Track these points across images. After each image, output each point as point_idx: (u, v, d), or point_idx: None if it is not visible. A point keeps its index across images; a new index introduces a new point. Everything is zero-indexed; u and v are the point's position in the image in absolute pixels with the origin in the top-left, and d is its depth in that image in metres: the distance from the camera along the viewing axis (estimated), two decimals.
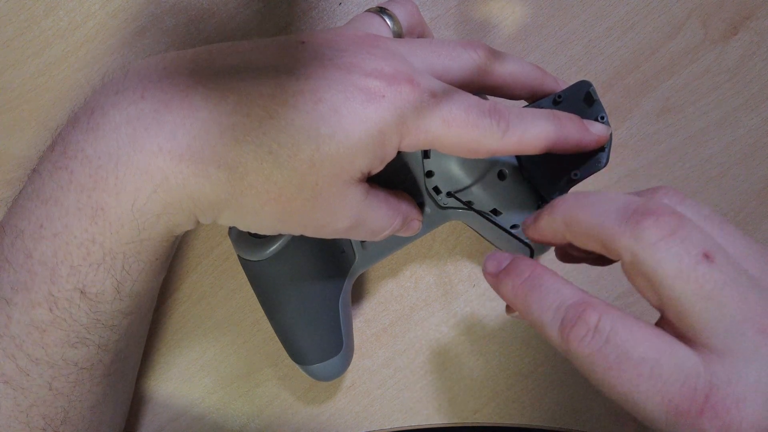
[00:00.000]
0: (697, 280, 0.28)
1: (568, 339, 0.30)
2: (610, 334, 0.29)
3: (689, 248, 0.28)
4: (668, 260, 0.28)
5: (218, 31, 0.51)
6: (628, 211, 0.30)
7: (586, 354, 0.29)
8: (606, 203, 0.31)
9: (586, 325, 0.29)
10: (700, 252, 0.28)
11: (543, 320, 0.31)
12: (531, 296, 0.32)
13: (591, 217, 0.32)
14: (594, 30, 0.54)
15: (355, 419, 0.54)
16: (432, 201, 0.46)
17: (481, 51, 0.40)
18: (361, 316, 0.55)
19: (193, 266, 0.54)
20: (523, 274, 0.33)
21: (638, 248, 0.29)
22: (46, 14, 0.50)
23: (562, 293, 0.31)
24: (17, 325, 0.37)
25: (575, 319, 0.30)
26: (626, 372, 0.28)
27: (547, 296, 0.32)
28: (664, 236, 0.29)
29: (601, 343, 0.29)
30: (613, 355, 0.29)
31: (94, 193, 0.35)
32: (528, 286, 0.33)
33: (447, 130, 0.35)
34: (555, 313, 0.31)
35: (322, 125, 0.33)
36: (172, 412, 0.54)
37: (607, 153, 0.40)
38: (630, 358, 0.28)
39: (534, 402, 0.55)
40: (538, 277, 0.33)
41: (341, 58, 0.35)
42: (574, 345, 0.30)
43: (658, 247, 0.29)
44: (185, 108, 0.34)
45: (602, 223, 0.31)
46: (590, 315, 0.29)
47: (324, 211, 0.36)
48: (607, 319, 0.29)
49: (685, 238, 0.29)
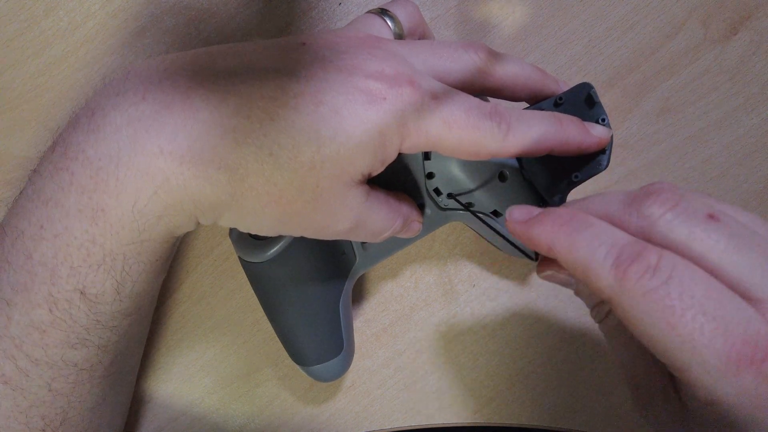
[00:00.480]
0: (710, 237, 0.29)
1: (624, 275, 0.28)
2: (673, 272, 0.28)
3: (694, 213, 0.29)
4: (677, 227, 0.29)
5: (218, 31, 0.51)
6: (630, 197, 0.31)
7: (645, 291, 0.28)
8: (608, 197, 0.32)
9: (647, 262, 0.28)
10: (705, 214, 0.29)
11: (593, 256, 0.30)
12: (578, 233, 0.31)
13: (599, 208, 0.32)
14: (594, 30, 0.54)
15: (355, 419, 0.54)
16: (432, 202, 0.46)
17: (481, 52, 0.40)
18: (361, 316, 0.55)
19: (193, 266, 0.54)
20: (565, 215, 0.32)
21: (647, 225, 0.30)
22: (46, 14, 0.49)
23: (616, 233, 0.30)
24: (17, 326, 0.37)
25: (634, 256, 0.28)
26: (690, 311, 0.27)
27: (599, 234, 0.30)
28: (669, 208, 0.30)
29: (662, 280, 0.27)
30: (676, 293, 0.27)
31: (95, 195, 0.35)
32: (573, 224, 0.31)
33: (448, 132, 0.35)
34: (609, 250, 0.29)
35: (323, 127, 0.33)
36: (172, 412, 0.54)
37: (608, 155, 0.40)
38: (694, 296, 0.27)
39: (534, 402, 0.55)
40: (586, 219, 0.31)
41: (342, 60, 0.35)
42: (632, 282, 0.28)
43: (665, 219, 0.30)
44: (186, 110, 0.34)
45: (609, 212, 0.32)
46: (650, 253, 0.28)
47: (325, 212, 0.36)
48: (668, 259, 0.28)
49: (688, 206, 0.30)
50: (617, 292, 0.29)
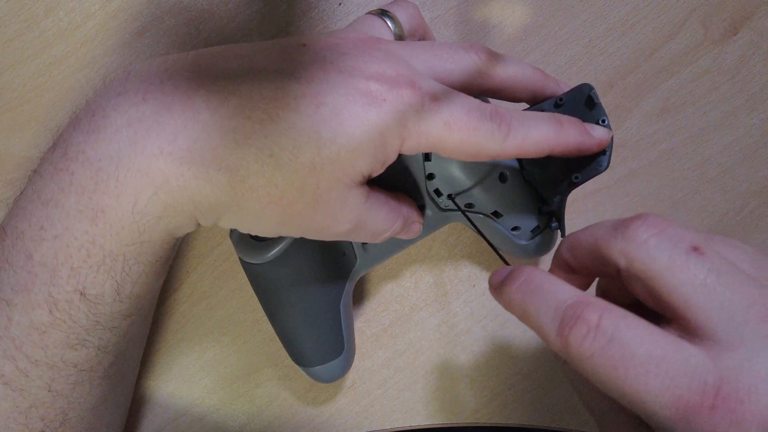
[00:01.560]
0: (689, 270, 0.29)
1: (567, 340, 0.29)
2: (614, 333, 0.28)
3: (678, 242, 0.29)
4: (659, 254, 0.29)
5: (218, 31, 0.51)
6: (618, 222, 0.32)
7: (588, 355, 0.28)
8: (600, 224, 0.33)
9: (587, 324, 0.28)
10: (689, 245, 0.29)
11: (541, 324, 0.30)
12: (527, 300, 0.32)
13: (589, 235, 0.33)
14: (594, 30, 0.54)
15: (355, 419, 0.54)
16: (433, 203, 0.46)
17: (482, 53, 0.40)
18: (361, 317, 0.55)
19: (194, 266, 0.54)
20: (519, 279, 0.33)
21: (630, 248, 0.30)
22: (46, 14, 0.49)
23: (559, 294, 0.31)
24: (17, 327, 0.37)
25: (575, 319, 0.29)
26: (632, 370, 0.27)
27: (544, 298, 0.31)
28: (653, 234, 0.30)
29: (603, 342, 0.28)
30: (617, 354, 0.28)
31: (95, 195, 0.35)
32: (524, 290, 0.32)
33: (448, 133, 0.35)
34: (553, 315, 0.30)
35: (324, 128, 0.33)
36: (172, 413, 0.54)
37: (608, 156, 0.40)
38: (636, 355, 0.27)
39: (534, 402, 0.55)
40: (534, 280, 0.32)
41: (343, 62, 0.35)
42: (574, 346, 0.28)
43: (649, 244, 0.30)
44: (186, 110, 0.34)
45: (597, 237, 0.32)
46: (590, 314, 0.29)
47: (325, 213, 0.36)
48: (608, 318, 0.28)
49: (674, 234, 0.30)
50: (566, 356, 0.30)
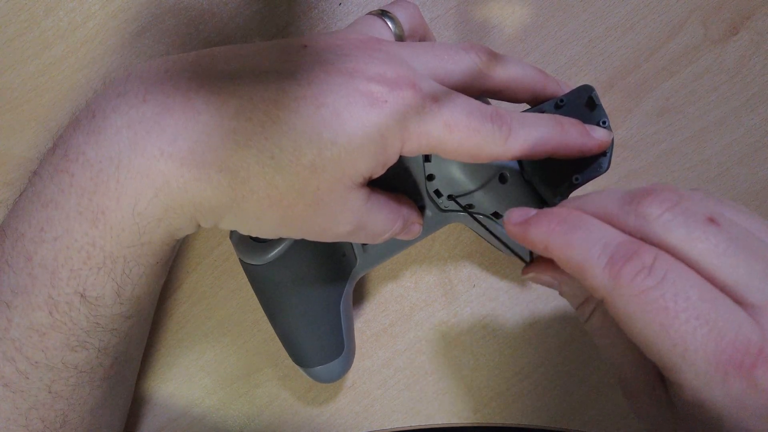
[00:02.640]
0: (709, 240, 0.28)
1: (619, 275, 0.28)
2: (668, 273, 0.28)
3: (693, 214, 0.29)
4: (675, 228, 0.29)
5: (218, 31, 0.51)
6: (629, 196, 0.31)
7: (639, 292, 0.28)
8: (606, 195, 0.32)
9: (641, 262, 0.28)
10: (705, 217, 0.29)
11: (587, 255, 0.30)
12: (573, 232, 0.31)
13: (596, 207, 0.32)
14: (594, 30, 0.54)
15: (355, 419, 0.54)
16: (433, 204, 0.46)
17: (482, 54, 0.40)
18: (362, 317, 0.55)
19: (194, 266, 0.54)
20: (560, 215, 0.32)
21: (645, 224, 0.30)
22: (46, 14, 0.49)
23: (611, 232, 0.30)
24: (17, 329, 0.37)
25: (629, 255, 0.28)
26: (683, 314, 0.27)
27: (594, 232, 0.30)
28: (668, 208, 0.29)
29: (657, 281, 0.27)
30: (670, 294, 0.27)
31: (95, 197, 0.35)
32: (569, 224, 0.31)
33: (449, 135, 0.35)
34: (603, 249, 0.29)
35: (324, 130, 0.33)
36: (172, 413, 0.54)
37: (608, 158, 0.40)
38: (688, 299, 0.27)
39: (534, 402, 0.55)
40: (581, 218, 0.31)
41: (344, 63, 0.35)
42: (626, 281, 0.28)
43: (663, 218, 0.29)
44: (187, 112, 0.34)
45: (607, 211, 0.31)
46: (645, 253, 0.28)
47: (325, 215, 0.36)
48: (663, 260, 0.28)
49: (688, 207, 0.29)
50: (611, 291, 0.29)
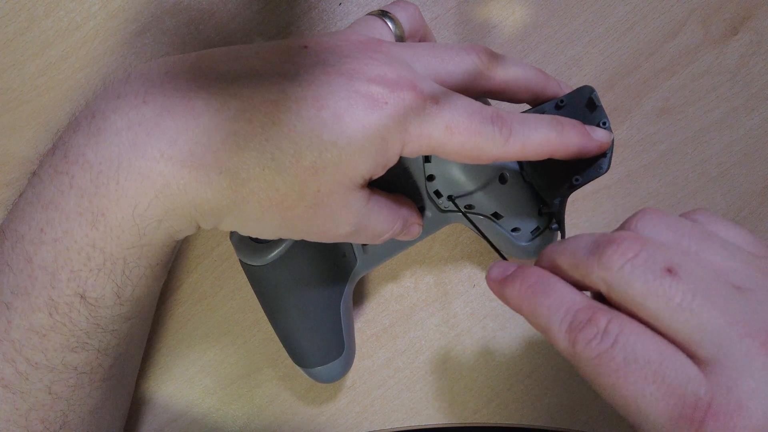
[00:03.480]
0: (664, 294, 0.29)
1: (575, 341, 0.30)
2: (618, 337, 0.29)
3: (652, 266, 0.29)
4: (634, 281, 0.29)
5: (218, 31, 0.51)
6: (595, 245, 0.32)
7: (593, 356, 0.29)
8: (578, 242, 0.33)
9: (595, 327, 0.29)
10: (663, 268, 0.29)
11: (550, 323, 0.31)
12: (539, 299, 0.32)
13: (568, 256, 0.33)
14: (594, 30, 0.54)
15: (355, 419, 0.54)
16: (433, 204, 0.46)
17: (483, 55, 0.40)
18: (362, 317, 0.55)
19: (194, 266, 0.54)
20: (531, 278, 0.34)
21: (607, 276, 0.30)
22: (46, 14, 0.49)
23: (572, 298, 0.32)
24: (17, 330, 0.37)
25: (585, 322, 0.30)
26: (632, 375, 0.28)
27: (556, 300, 0.32)
28: (628, 259, 0.30)
29: (608, 345, 0.29)
30: (620, 357, 0.29)
31: (95, 199, 0.35)
32: (536, 289, 0.33)
33: (449, 136, 0.35)
34: (564, 316, 0.31)
35: (325, 132, 0.33)
36: (172, 413, 0.54)
37: (608, 159, 0.40)
38: (637, 360, 0.28)
39: (534, 402, 0.55)
40: (547, 282, 0.33)
41: (344, 64, 0.35)
42: (581, 347, 0.30)
43: (624, 270, 0.30)
44: (187, 113, 0.34)
45: (576, 260, 0.32)
46: (599, 318, 0.30)
47: (326, 217, 0.36)
48: (615, 323, 0.29)
49: (648, 257, 0.30)
50: (571, 355, 0.30)
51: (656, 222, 0.33)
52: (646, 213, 0.33)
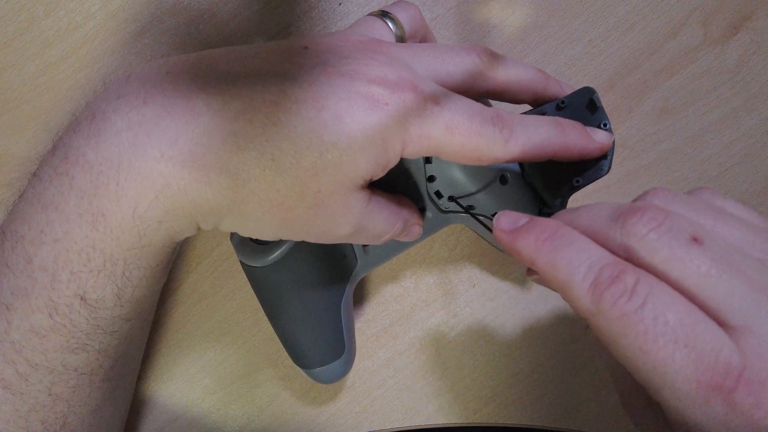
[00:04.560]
0: (691, 261, 0.28)
1: (601, 298, 0.28)
2: (648, 297, 0.28)
3: (677, 234, 0.29)
4: (659, 248, 0.29)
5: (218, 31, 0.51)
6: (617, 213, 0.31)
7: (620, 315, 0.28)
8: (596, 209, 0.32)
9: (624, 285, 0.28)
10: (689, 236, 0.29)
11: (572, 277, 0.30)
12: (559, 251, 0.31)
13: (585, 222, 0.32)
14: (594, 30, 0.54)
15: (355, 419, 0.54)
16: (433, 205, 0.46)
17: (483, 55, 0.40)
18: (362, 317, 0.55)
19: (194, 266, 0.54)
20: (549, 230, 0.32)
21: (631, 243, 0.30)
22: (46, 15, 0.49)
23: (597, 252, 0.30)
24: (17, 331, 0.37)
25: (612, 278, 0.28)
26: (662, 337, 0.27)
27: (580, 253, 0.30)
28: (653, 228, 0.29)
29: (638, 305, 0.27)
30: (649, 318, 0.27)
31: (95, 199, 0.35)
32: (556, 241, 0.31)
33: (450, 138, 0.35)
34: (588, 271, 0.29)
35: (325, 133, 0.33)
36: (172, 413, 0.54)
37: (609, 160, 0.40)
38: (667, 322, 0.27)
39: (534, 402, 0.55)
40: (569, 235, 0.31)
41: (345, 65, 0.35)
42: (607, 305, 0.28)
43: (648, 238, 0.29)
44: (188, 114, 0.34)
45: (595, 227, 0.31)
46: (628, 276, 0.28)
47: (326, 218, 0.36)
48: (645, 282, 0.28)
49: (672, 226, 0.29)
50: (594, 313, 0.29)
51: (670, 199, 0.32)
52: (658, 191, 0.33)
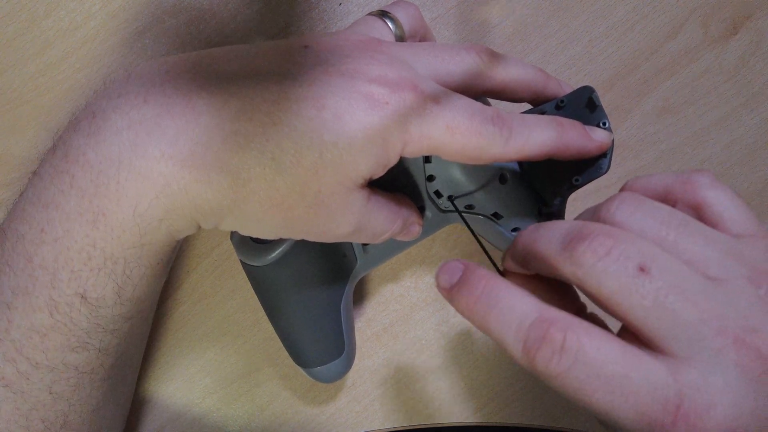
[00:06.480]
0: (637, 293, 0.28)
1: (534, 361, 0.29)
2: (578, 354, 0.28)
3: (625, 264, 0.29)
4: (606, 280, 0.29)
5: (218, 31, 0.51)
6: (567, 239, 0.30)
7: (555, 375, 0.28)
8: (552, 232, 0.32)
9: (552, 345, 0.28)
10: (636, 266, 0.28)
11: (504, 341, 0.30)
12: (488, 315, 0.31)
13: (541, 248, 0.32)
14: (594, 30, 0.54)
15: (355, 419, 0.54)
16: (433, 205, 0.46)
17: (483, 54, 0.40)
18: (362, 316, 0.55)
19: (194, 266, 0.54)
20: (477, 289, 0.32)
21: (579, 273, 0.30)
22: (46, 14, 0.49)
23: (521, 309, 0.30)
24: (17, 330, 0.37)
25: (540, 339, 0.29)
26: (598, 390, 0.28)
27: (505, 314, 0.30)
28: (600, 257, 0.29)
29: (569, 364, 0.28)
30: (582, 375, 0.28)
31: (96, 198, 0.35)
32: (483, 303, 0.31)
33: (450, 137, 0.35)
34: (516, 333, 0.30)
35: (326, 132, 0.33)
36: (172, 412, 0.54)
37: (608, 159, 0.40)
38: (600, 376, 0.28)
39: (534, 402, 0.55)
40: (493, 293, 0.31)
41: (345, 64, 0.35)
42: (541, 367, 0.29)
43: (596, 269, 0.29)
44: (188, 113, 0.34)
45: (549, 253, 0.31)
46: (554, 333, 0.29)
47: (326, 217, 0.36)
48: (572, 336, 0.28)
49: (620, 255, 0.29)
50: (532, 372, 0.29)
51: (633, 209, 0.32)
52: (624, 199, 0.32)
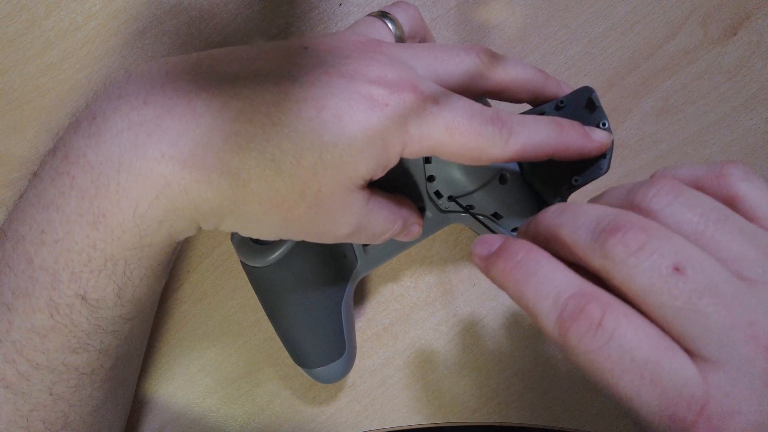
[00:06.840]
0: (670, 293, 0.27)
1: (567, 334, 0.28)
2: (615, 333, 0.27)
3: (658, 262, 0.27)
4: (638, 277, 0.28)
5: (219, 31, 0.51)
6: (598, 228, 0.29)
7: (587, 351, 0.27)
8: (580, 218, 0.31)
9: (589, 320, 0.27)
10: (670, 265, 0.27)
11: (538, 310, 0.29)
12: (524, 282, 0.30)
13: (567, 234, 0.31)
14: (594, 30, 0.54)
15: (355, 419, 0.55)
16: (433, 205, 0.46)
17: (483, 55, 0.40)
18: (362, 316, 0.55)
19: (194, 266, 0.54)
20: (516, 256, 0.31)
21: (609, 267, 0.28)
22: (47, 15, 0.49)
23: (561, 281, 0.29)
24: (18, 331, 0.37)
25: (577, 312, 0.28)
26: (628, 374, 0.27)
27: (544, 283, 0.29)
28: (633, 252, 0.28)
29: (603, 341, 0.27)
30: (615, 355, 0.27)
31: (96, 200, 0.35)
32: (521, 270, 0.30)
33: (450, 138, 0.35)
34: (553, 303, 0.29)
35: (325, 133, 0.33)
36: (172, 412, 0.54)
37: (608, 159, 0.40)
38: (633, 360, 0.27)
39: (534, 401, 0.55)
40: (533, 261, 0.31)
41: (344, 65, 0.35)
42: (573, 341, 0.28)
43: (627, 264, 0.28)
44: (188, 114, 0.34)
45: (576, 242, 0.30)
46: (593, 309, 0.28)
47: (326, 218, 0.36)
48: (611, 315, 0.27)
49: (654, 251, 0.28)
50: (562, 346, 0.29)
51: (672, 198, 0.30)
52: (663, 185, 0.31)
